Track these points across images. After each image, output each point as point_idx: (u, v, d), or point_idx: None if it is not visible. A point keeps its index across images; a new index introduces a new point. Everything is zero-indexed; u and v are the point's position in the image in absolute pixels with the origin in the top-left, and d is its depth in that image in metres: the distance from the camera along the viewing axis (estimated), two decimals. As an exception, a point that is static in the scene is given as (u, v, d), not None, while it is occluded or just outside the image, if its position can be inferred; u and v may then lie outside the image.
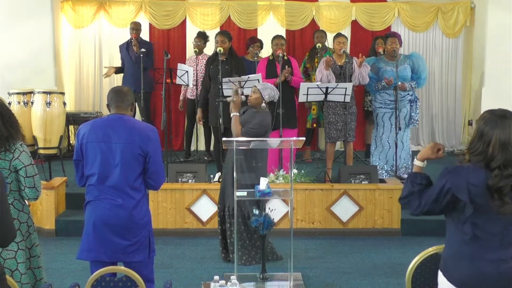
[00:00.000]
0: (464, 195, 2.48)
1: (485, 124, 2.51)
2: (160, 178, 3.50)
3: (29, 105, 6.67)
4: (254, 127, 4.92)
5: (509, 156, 2.45)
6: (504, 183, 2.43)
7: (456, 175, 2.53)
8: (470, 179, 2.48)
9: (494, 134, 2.46)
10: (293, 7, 9.02)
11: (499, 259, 2.51)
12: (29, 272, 3.51)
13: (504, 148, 2.45)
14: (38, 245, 3.60)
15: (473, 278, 2.53)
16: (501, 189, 2.43)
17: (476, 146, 2.53)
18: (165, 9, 8.96)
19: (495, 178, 2.43)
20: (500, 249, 2.52)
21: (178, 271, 5.03)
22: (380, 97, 7.02)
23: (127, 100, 3.48)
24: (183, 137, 8.67)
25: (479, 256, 2.53)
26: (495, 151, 2.45)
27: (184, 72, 7.21)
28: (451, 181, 2.53)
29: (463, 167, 2.54)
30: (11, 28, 8.02)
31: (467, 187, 2.48)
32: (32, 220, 3.56)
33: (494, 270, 2.51)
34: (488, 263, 2.52)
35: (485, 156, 2.48)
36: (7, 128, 3.33)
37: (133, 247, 3.40)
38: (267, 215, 4.68)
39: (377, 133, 7.13)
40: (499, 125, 2.47)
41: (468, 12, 9.00)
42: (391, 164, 7.01)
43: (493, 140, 2.46)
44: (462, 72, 9.32)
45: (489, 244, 2.52)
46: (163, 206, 6.00)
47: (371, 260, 5.36)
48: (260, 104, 5.01)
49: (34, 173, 3.43)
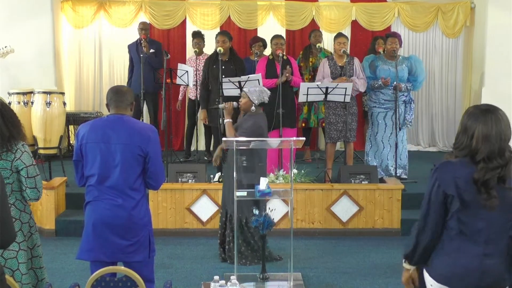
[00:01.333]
0: (452, 189, 2.51)
1: (468, 118, 2.55)
2: (160, 178, 3.50)
3: (29, 105, 6.67)
4: (246, 130, 4.94)
5: (492, 148, 2.47)
6: (489, 176, 2.45)
7: (443, 170, 2.56)
8: (457, 174, 2.51)
9: (476, 127, 2.49)
10: (293, 7, 9.02)
11: (482, 254, 2.53)
12: (31, 272, 3.51)
13: (487, 141, 2.47)
14: (40, 245, 3.60)
15: (457, 274, 2.55)
16: (487, 182, 2.45)
17: (460, 140, 2.55)
18: (165, 9, 8.96)
19: (480, 171, 2.46)
20: (484, 244, 2.53)
21: (178, 271, 5.03)
22: (375, 97, 7.02)
23: (127, 99, 3.47)
24: (183, 137, 8.67)
25: (463, 252, 2.55)
26: (478, 144, 2.48)
27: (184, 72, 7.20)
28: (439, 177, 2.56)
29: (449, 162, 2.57)
30: (11, 28, 8.01)
31: (454, 181, 2.50)
32: (34, 221, 3.56)
33: (478, 266, 2.52)
34: (471, 258, 2.53)
35: (470, 150, 2.51)
36: (9, 128, 3.33)
37: (133, 247, 3.40)
38: (267, 215, 4.69)
39: (371, 132, 7.14)
40: (481, 118, 2.50)
41: (468, 12, 9.00)
42: (386, 163, 7.02)
43: (476, 133, 2.49)
44: (462, 72, 9.32)
45: (473, 239, 2.54)
46: (163, 206, 6.00)
47: (371, 260, 5.36)
48: (250, 108, 5.02)
49: (36, 173, 3.43)
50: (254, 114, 5.04)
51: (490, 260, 2.53)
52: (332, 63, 6.81)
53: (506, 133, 2.51)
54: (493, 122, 2.49)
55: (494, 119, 2.50)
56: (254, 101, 4.99)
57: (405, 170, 7.08)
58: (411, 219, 6.02)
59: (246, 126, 4.98)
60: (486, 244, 2.53)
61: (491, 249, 2.53)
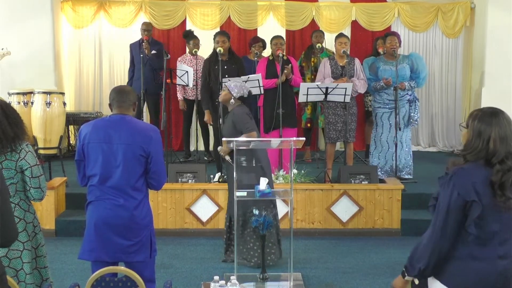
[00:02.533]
0: (472, 195, 2.46)
1: (480, 123, 2.53)
2: (162, 178, 3.50)
3: (29, 105, 6.66)
4: (242, 120, 4.91)
5: (509, 149, 2.49)
6: (507, 177, 2.45)
7: (460, 177, 2.50)
8: (474, 179, 2.48)
9: (492, 130, 2.50)
10: (293, 7, 9.02)
11: (497, 256, 2.51)
12: (35, 272, 3.52)
13: (504, 142, 2.49)
14: (44, 245, 3.61)
15: (472, 279, 2.52)
16: (504, 184, 2.45)
17: (475, 145, 2.53)
18: (165, 9, 8.96)
19: (497, 174, 2.45)
20: (497, 246, 2.52)
21: (178, 271, 5.03)
22: (379, 97, 7.02)
23: (129, 100, 3.47)
24: (183, 137, 8.67)
25: (478, 256, 2.52)
26: (496, 146, 2.48)
27: (184, 72, 7.19)
28: (457, 184, 2.49)
29: (463, 169, 2.53)
30: (11, 28, 8.01)
31: (473, 187, 2.47)
32: (37, 220, 3.58)
33: (493, 268, 2.50)
34: (487, 261, 2.51)
35: (486, 153, 2.50)
36: (13, 129, 3.34)
37: (135, 247, 3.40)
38: (267, 215, 4.69)
39: (376, 133, 7.13)
40: (494, 121, 2.51)
41: (468, 12, 9.01)
42: (390, 164, 7.01)
43: (492, 135, 2.49)
44: (462, 72, 9.33)
45: (488, 242, 2.51)
46: (163, 206, 6.00)
47: (371, 260, 5.36)
48: (229, 100, 5.04)
49: (40, 173, 3.44)
50: (237, 106, 5.04)
51: (505, 261, 2.51)
52: (333, 62, 6.81)
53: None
54: (506, 123, 2.51)
55: (506, 121, 2.52)
56: (233, 93, 5.00)
57: (410, 170, 7.07)
58: (411, 219, 6.04)
59: (239, 118, 4.93)
60: (501, 246, 2.51)
61: (505, 250, 2.52)
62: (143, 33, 7.77)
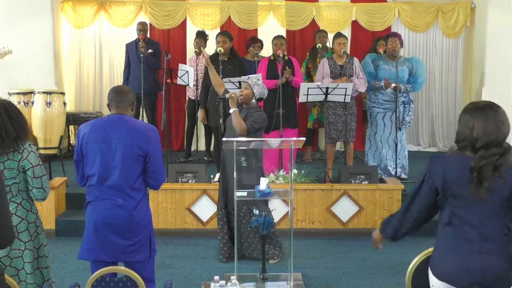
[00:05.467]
0: (439, 182, 2.61)
1: (467, 114, 2.64)
2: (160, 178, 3.50)
3: (29, 105, 6.66)
4: (257, 120, 4.90)
5: (491, 138, 2.55)
6: (485, 162, 2.51)
7: (436, 161, 2.68)
8: (449, 165, 2.60)
9: (476, 120, 2.58)
10: (293, 7, 9.02)
11: (478, 251, 2.55)
12: (37, 272, 3.51)
13: (486, 133, 2.55)
14: (46, 245, 3.60)
15: (458, 271, 2.58)
16: (482, 170, 2.50)
17: (461, 133, 2.63)
18: (165, 9, 8.96)
19: (479, 159, 2.53)
20: (480, 242, 2.55)
21: (178, 271, 5.03)
22: (374, 96, 7.03)
23: (128, 99, 3.47)
24: (183, 137, 8.68)
25: (462, 250, 2.58)
26: (478, 134, 2.56)
27: (184, 72, 7.20)
28: (430, 169, 2.68)
29: (446, 155, 2.68)
30: (11, 28, 8.02)
31: (443, 173, 2.60)
32: (40, 220, 3.57)
33: (478, 263, 2.54)
34: (471, 256, 2.56)
35: (470, 140, 2.57)
36: (16, 129, 3.34)
37: (134, 247, 3.41)
38: (267, 215, 4.69)
39: (371, 132, 7.14)
40: (479, 113, 2.60)
41: (468, 12, 9.00)
42: (385, 163, 7.02)
43: (476, 125, 2.57)
44: (462, 72, 9.33)
45: (468, 236, 2.57)
46: (163, 206, 6.00)
47: (371, 260, 5.36)
48: (250, 101, 5.01)
49: (42, 173, 3.44)
50: (257, 108, 5.03)
51: (489, 257, 2.54)
52: (332, 62, 6.82)
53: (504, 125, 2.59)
54: (494, 115, 2.58)
55: (495, 113, 2.59)
56: (256, 94, 4.99)
57: (404, 170, 7.08)
58: (411, 219, 6.03)
59: (255, 116, 4.92)
60: (482, 241, 2.55)
61: (488, 246, 2.55)
62: (138, 33, 7.79)
